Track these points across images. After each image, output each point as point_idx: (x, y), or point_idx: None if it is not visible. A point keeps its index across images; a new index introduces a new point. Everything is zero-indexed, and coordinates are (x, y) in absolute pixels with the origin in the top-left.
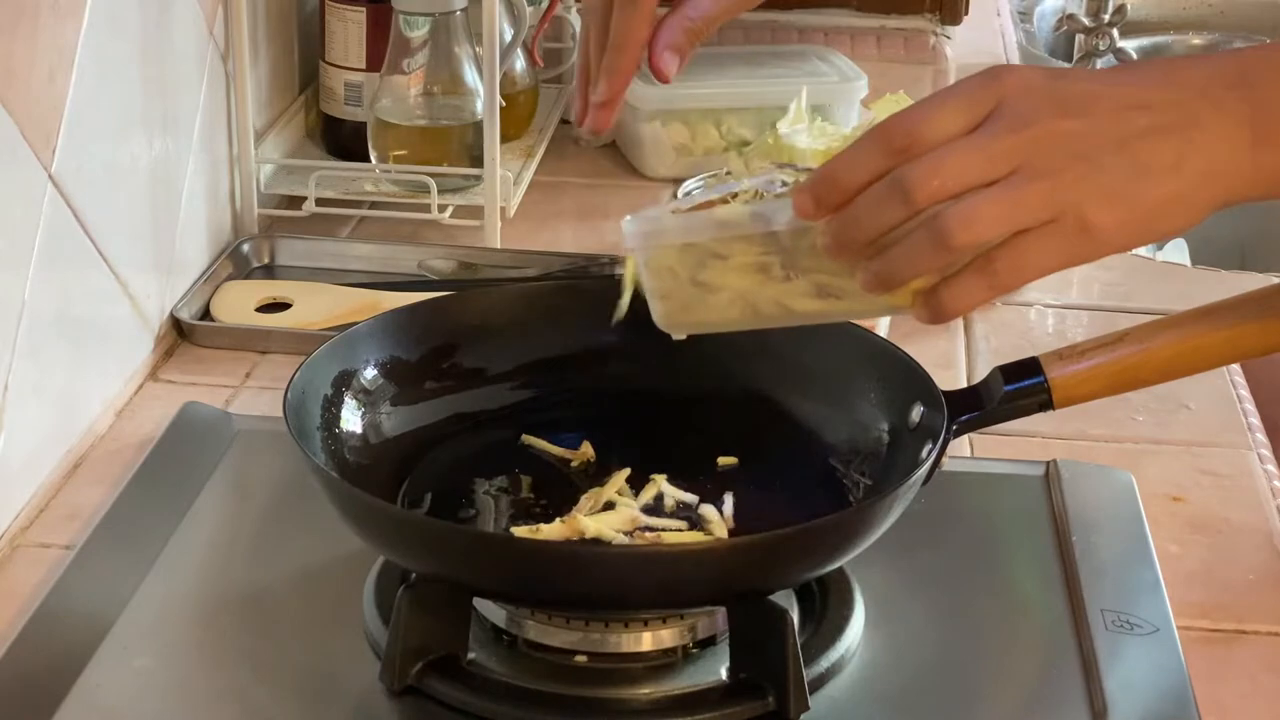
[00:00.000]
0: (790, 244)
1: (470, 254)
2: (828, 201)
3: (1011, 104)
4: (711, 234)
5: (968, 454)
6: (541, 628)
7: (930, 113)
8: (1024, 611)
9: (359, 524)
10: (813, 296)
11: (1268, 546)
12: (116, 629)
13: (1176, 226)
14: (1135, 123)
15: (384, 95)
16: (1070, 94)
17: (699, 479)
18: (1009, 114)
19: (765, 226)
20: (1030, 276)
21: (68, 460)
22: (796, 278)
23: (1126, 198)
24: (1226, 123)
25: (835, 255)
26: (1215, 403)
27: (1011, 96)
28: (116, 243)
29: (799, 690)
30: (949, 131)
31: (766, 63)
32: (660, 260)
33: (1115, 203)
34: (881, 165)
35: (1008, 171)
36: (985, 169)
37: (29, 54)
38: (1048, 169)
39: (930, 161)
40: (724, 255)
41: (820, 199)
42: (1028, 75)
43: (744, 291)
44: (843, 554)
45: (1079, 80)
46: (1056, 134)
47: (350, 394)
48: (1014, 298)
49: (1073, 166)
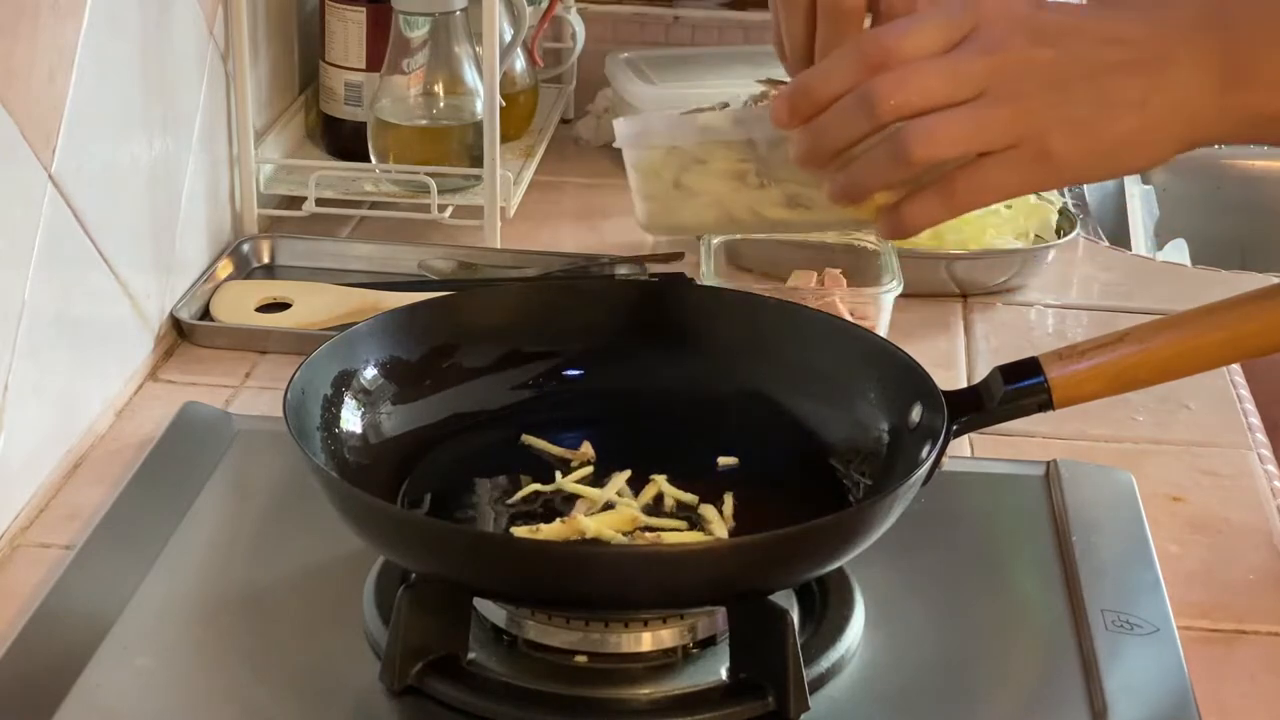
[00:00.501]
0: (766, 153)
1: (470, 254)
2: (801, 111)
3: (987, 28)
4: (695, 138)
5: (968, 454)
6: (541, 628)
7: (906, 30)
8: (1024, 611)
9: (359, 524)
10: (784, 206)
11: (1268, 546)
12: (116, 629)
13: (1139, 163)
14: (1107, 57)
15: (384, 95)
16: (1046, 23)
17: (699, 479)
18: (984, 37)
19: (744, 133)
20: (989, 199)
21: (68, 460)
22: (770, 186)
23: (1090, 129)
24: (1198, 63)
25: (805, 164)
26: (1215, 403)
27: (988, 21)
28: (116, 243)
29: (799, 690)
30: (923, 50)
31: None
32: (647, 162)
33: (1078, 133)
34: (855, 79)
35: (974, 94)
36: (952, 89)
37: (29, 54)
38: (1014, 94)
39: (898, 77)
40: (705, 160)
41: (795, 108)
42: (1009, 2)
43: (721, 197)
44: (843, 554)
45: (1057, 11)
46: (1027, 61)
47: (350, 394)
48: (1014, 297)
49: (1039, 94)
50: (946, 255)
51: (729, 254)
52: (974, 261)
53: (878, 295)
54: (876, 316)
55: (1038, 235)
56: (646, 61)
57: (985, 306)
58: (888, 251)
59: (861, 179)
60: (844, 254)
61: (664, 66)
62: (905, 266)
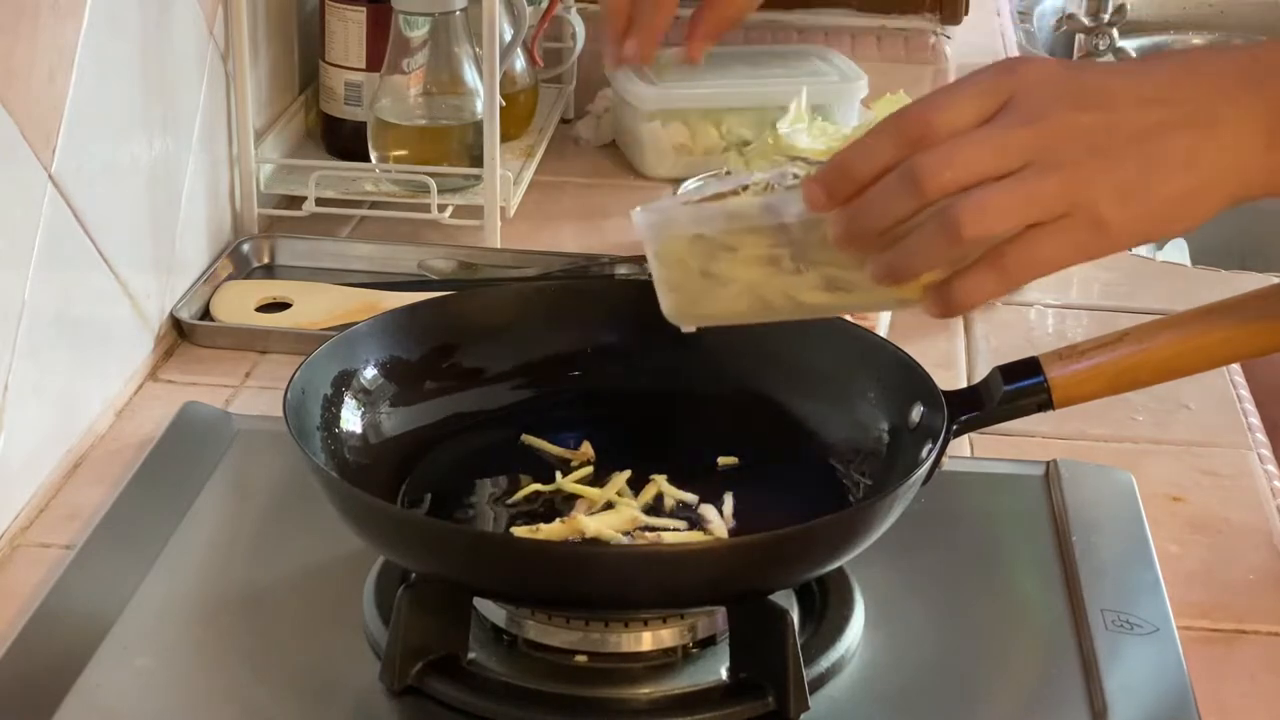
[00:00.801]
0: (800, 236)
1: (470, 254)
2: (839, 192)
3: (1026, 95)
4: (722, 226)
5: (968, 454)
6: (541, 628)
7: (944, 103)
8: (1024, 611)
9: (359, 524)
10: (822, 289)
11: (1268, 546)
12: (116, 629)
13: (1188, 223)
14: (1151, 117)
15: (384, 95)
16: (1086, 86)
17: (699, 479)
18: (1023, 106)
19: (776, 218)
20: (1041, 271)
21: (68, 460)
22: (806, 270)
23: (1140, 193)
24: (1243, 120)
25: (845, 246)
26: (1215, 403)
27: (1026, 88)
28: (116, 243)
29: (799, 690)
30: (963, 122)
31: (766, 63)
32: (670, 251)
33: (1129, 198)
34: (894, 156)
35: (1021, 164)
36: (998, 161)
37: (29, 54)
38: (1061, 162)
39: (943, 152)
40: (734, 247)
41: (831, 189)
42: (1043, 66)
43: (753, 284)
44: (843, 554)
45: (1095, 73)
46: (1071, 127)
47: (350, 394)
48: (1014, 297)
49: (1087, 161)
50: None
51: None
52: None
53: None
54: (876, 316)
55: None
56: None
57: (985, 306)
58: None
59: (908, 259)
60: None
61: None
62: None
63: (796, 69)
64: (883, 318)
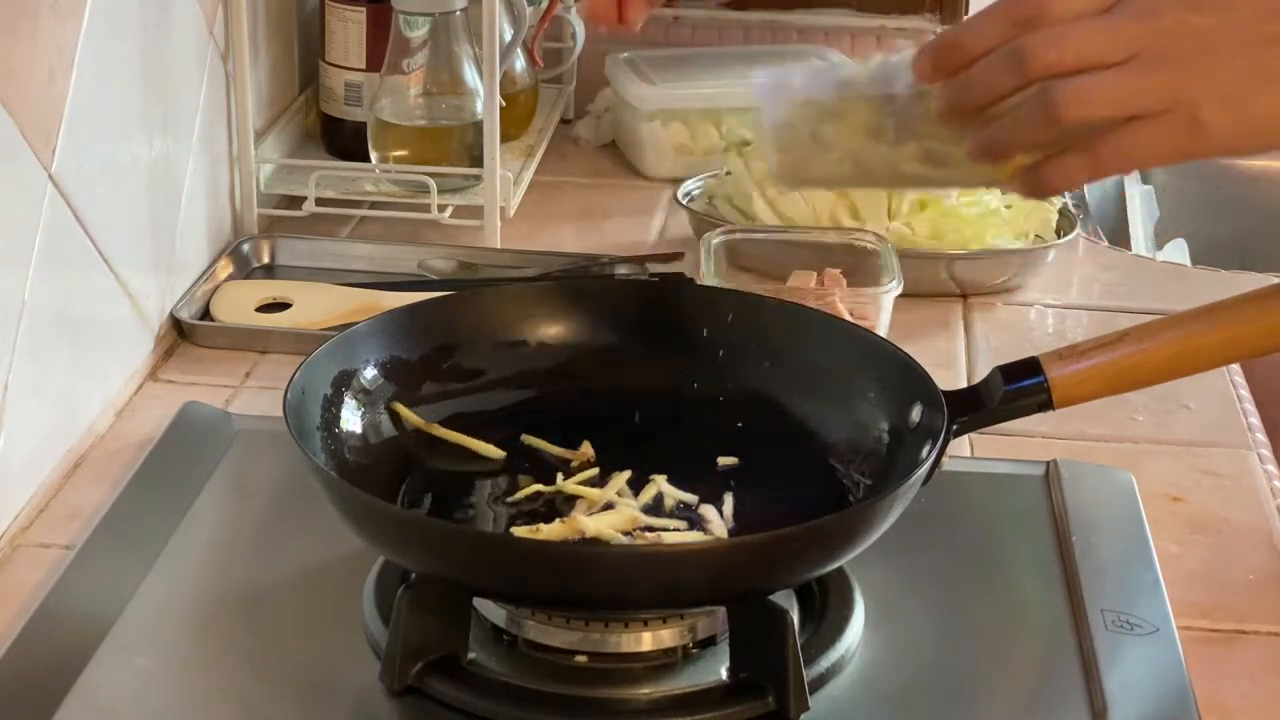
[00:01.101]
0: (906, 107)
1: (470, 254)
2: (946, 65)
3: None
4: (833, 92)
5: (968, 454)
6: (541, 628)
7: None
8: (1024, 611)
9: (359, 524)
10: (920, 161)
11: (1268, 546)
12: (116, 629)
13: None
14: (1264, 30)
15: (384, 95)
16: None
17: (699, 479)
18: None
19: (885, 88)
20: (1132, 165)
21: (68, 460)
22: (908, 141)
23: (1242, 101)
24: None
25: (947, 119)
26: (1215, 403)
27: None
28: (116, 243)
29: (799, 690)
30: (1076, 9)
31: (766, 63)
32: (784, 115)
33: (1229, 104)
34: (1004, 35)
35: (1128, 56)
36: (1106, 50)
37: (29, 54)
38: (1169, 60)
39: (1051, 34)
40: (842, 115)
41: (939, 63)
42: None
43: (856, 151)
44: (843, 554)
45: None
46: (1184, 27)
47: (350, 394)
48: (1014, 298)
49: (1195, 62)
50: (946, 255)
51: (729, 254)
52: (974, 261)
53: (878, 295)
54: (876, 316)
55: (1037, 235)
56: (646, 61)
57: (985, 306)
58: (887, 251)
59: (1006, 137)
60: (844, 254)
61: (664, 66)
62: (905, 266)
63: None
64: (882, 318)
